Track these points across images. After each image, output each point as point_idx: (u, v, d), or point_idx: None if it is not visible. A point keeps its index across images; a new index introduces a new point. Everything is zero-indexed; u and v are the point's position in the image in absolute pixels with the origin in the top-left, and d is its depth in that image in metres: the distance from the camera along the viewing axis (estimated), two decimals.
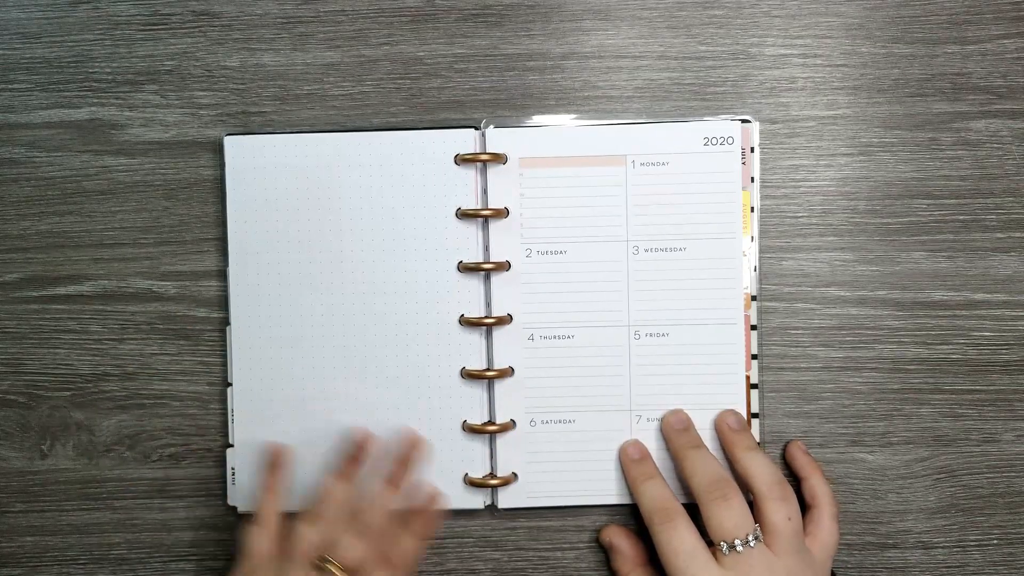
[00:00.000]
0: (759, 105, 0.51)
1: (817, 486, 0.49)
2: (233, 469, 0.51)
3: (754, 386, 0.51)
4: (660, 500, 0.47)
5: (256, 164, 0.51)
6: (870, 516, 0.51)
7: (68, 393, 0.52)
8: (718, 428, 0.50)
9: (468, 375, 0.50)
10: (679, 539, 0.45)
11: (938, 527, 0.51)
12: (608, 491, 0.51)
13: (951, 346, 0.51)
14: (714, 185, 0.50)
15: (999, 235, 0.51)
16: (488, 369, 0.51)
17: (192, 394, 0.52)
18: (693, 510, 0.47)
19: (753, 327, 0.51)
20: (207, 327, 0.52)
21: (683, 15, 0.52)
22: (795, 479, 0.50)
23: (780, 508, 0.46)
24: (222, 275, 0.52)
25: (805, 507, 0.49)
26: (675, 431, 0.49)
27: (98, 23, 0.52)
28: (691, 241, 0.50)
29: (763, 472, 0.47)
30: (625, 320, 0.51)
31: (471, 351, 0.51)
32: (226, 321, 0.51)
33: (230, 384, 0.51)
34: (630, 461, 0.50)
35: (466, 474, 0.51)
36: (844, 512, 0.51)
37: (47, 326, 0.52)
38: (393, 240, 0.51)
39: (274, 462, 0.49)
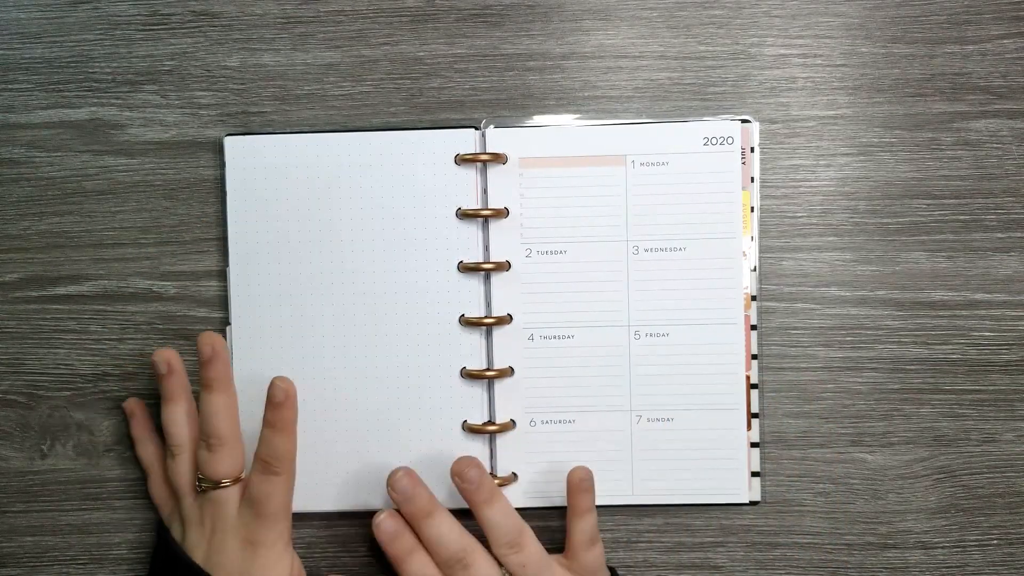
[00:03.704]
0: (759, 105, 0.51)
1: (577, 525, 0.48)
2: None
3: (754, 386, 0.51)
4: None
5: (256, 164, 0.51)
6: (870, 516, 0.51)
7: (68, 393, 0.52)
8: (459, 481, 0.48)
9: (468, 375, 0.50)
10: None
11: (938, 527, 0.51)
12: (608, 491, 0.51)
13: (951, 346, 0.51)
14: (714, 185, 0.50)
15: (999, 235, 0.51)
16: (488, 369, 0.51)
17: (192, 394, 0.52)
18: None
19: (753, 327, 0.51)
20: (207, 327, 0.52)
21: (683, 15, 0.52)
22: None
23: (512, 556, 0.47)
24: (222, 275, 0.52)
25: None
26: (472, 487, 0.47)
27: (98, 23, 0.52)
28: (691, 241, 0.50)
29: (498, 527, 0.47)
30: (625, 320, 0.51)
31: (471, 351, 0.51)
32: (226, 321, 0.51)
33: None
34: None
35: None
36: (844, 512, 0.51)
37: (47, 326, 0.52)
38: (393, 240, 0.51)
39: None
